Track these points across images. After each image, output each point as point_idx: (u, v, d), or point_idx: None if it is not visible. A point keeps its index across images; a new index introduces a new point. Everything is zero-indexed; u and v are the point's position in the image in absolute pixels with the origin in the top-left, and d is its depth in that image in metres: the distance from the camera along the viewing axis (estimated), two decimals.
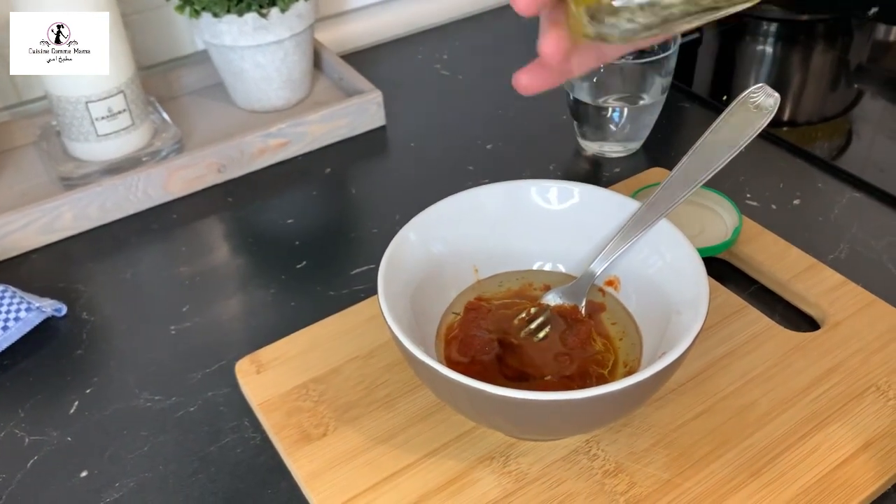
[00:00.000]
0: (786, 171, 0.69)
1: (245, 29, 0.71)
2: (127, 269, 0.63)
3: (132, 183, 0.67)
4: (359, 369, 0.51)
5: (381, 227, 0.66)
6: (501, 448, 0.46)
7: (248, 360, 0.52)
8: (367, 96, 0.75)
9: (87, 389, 0.54)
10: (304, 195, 0.70)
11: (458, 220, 0.50)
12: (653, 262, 0.47)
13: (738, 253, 0.59)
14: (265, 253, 0.64)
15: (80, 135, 0.68)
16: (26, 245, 0.65)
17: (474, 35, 0.92)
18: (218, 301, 0.60)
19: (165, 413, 0.52)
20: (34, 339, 0.57)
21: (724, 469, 0.44)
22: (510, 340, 0.47)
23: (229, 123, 0.77)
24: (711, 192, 0.61)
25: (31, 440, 0.51)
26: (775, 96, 0.46)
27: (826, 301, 0.54)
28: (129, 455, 0.49)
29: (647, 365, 0.44)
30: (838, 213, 0.64)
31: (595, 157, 0.72)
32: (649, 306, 0.47)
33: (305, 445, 0.47)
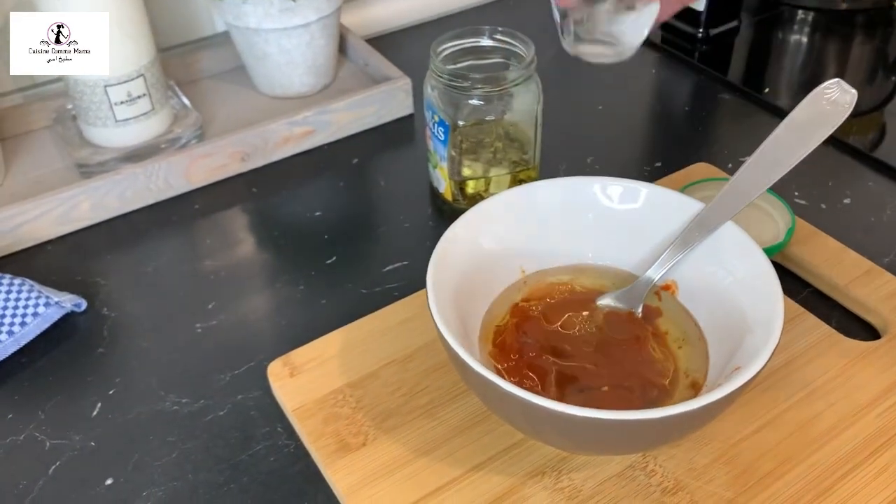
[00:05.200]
0: (833, 167, 0.67)
1: (271, 11, 0.68)
2: (148, 262, 0.60)
3: (153, 171, 0.64)
4: (397, 374, 0.49)
5: (413, 221, 0.63)
6: (553, 462, 0.44)
7: (281, 363, 0.50)
8: (394, 83, 0.72)
9: (110, 391, 0.51)
10: (330, 186, 0.68)
11: (508, 216, 0.47)
12: (718, 269, 0.44)
13: (791, 255, 0.56)
14: (292, 247, 0.61)
15: (98, 119, 0.66)
16: (41, 236, 0.62)
17: (503, 18, 0.89)
18: (245, 298, 0.57)
19: (193, 417, 0.49)
20: (53, 336, 0.54)
21: (790, 488, 0.42)
22: (563, 347, 0.45)
23: (251, 110, 0.74)
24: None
25: (52, 444, 0.48)
26: (852, 92, 0.44)
27: (887, 308, 0.51)
28: (155, 462, 0.47)
29: (714, 378, 0.41)
30: (891, 213, 0.62)
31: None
32: (713, 314, 0.44)
33: (344, 456, 0.45)
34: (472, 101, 0.57)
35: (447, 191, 0.61)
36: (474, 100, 0.57)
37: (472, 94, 0.57)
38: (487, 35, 0.59)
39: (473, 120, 0.59)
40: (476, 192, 0.62)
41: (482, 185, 0.61)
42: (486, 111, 0.58)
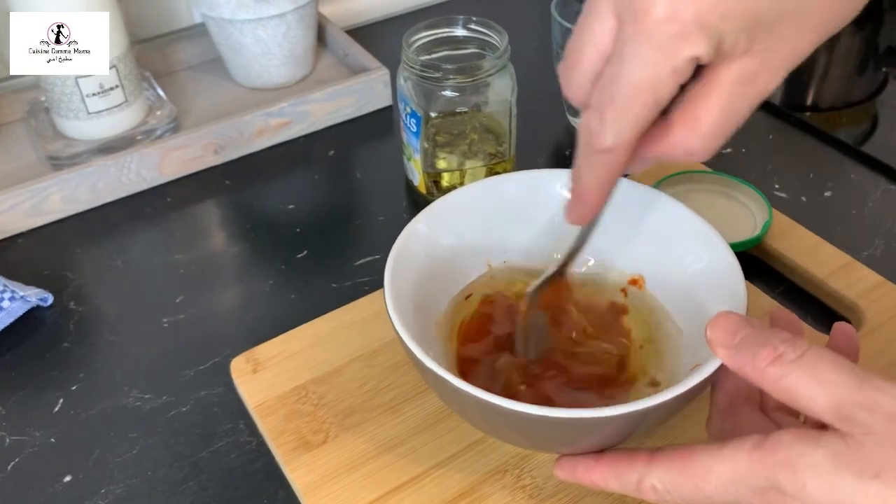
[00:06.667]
0: (816, 159, 0.66)
1: (245, 1, 0.67)
2: (118, 255, 0.60)
3: (124, 164, 0.63)
4: (362, 370, 0.48)
5: (388, 215, 0.62)
6: (515, 460, 0.43)
7: (244, 358, 0.49)
8: (373, 74, 0.71)
9: (73, 386, 0.50)
10: (305, 179, 0.67)
11: (471, 212, 0.46)
12: (683, 263, 0.43)
13: (768, 248, 0.55)
14: (264, 241, 0.61)
15: (70, 112, 0.65)
16: (12, 228, 0.61)
17: (486, 9, 0.88)
18: (213, 292, 0.56)
19: (155, 413, 0.49)
20: (19, 330, 0.53)
21: None
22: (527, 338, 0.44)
23: (228, 101, 0.73)
24: (739, 183, 0.58)
25: (13, 440, 0.47)
26: None
27: (864, 302, 0.50)
28: (115, 459, 0.46)
29: (673, 376, 0.40)
30: (872, 206, 0.60)
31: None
32: (680, 310, 0.43)
33: (304, 453, 0.44)
34: (444, 93, 0.56)
35: (421, 183, 0.60)
36: (447, 91, 0.56)
37: (445, 86, 0.56)
38: (461, 25, 0.58)
39: (446, 111, 0.58)
40: (451, 185, 0.61)
41: (457, 177, 0.61)
42: (458, 102, 0.57)
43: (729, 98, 0.31)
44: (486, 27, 0.58)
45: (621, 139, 0.32)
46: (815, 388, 0.29)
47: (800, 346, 0.30)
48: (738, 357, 0.31)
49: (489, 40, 0.58)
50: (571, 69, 0.33)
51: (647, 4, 0.28)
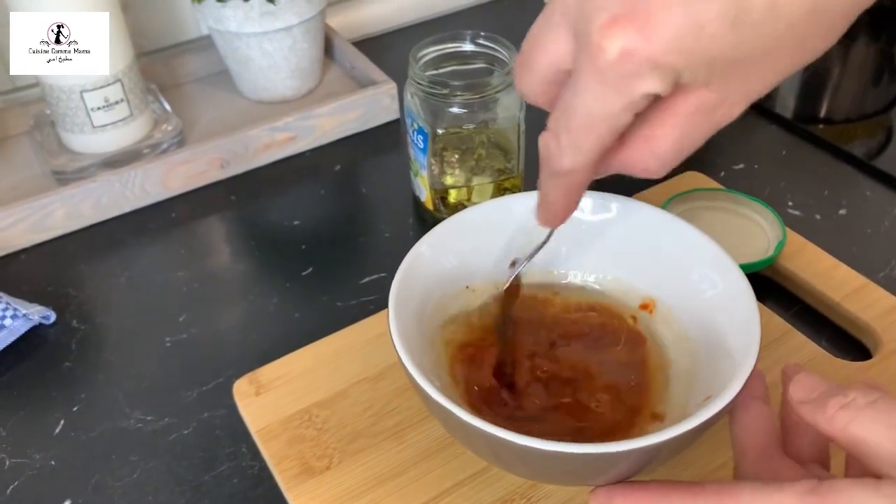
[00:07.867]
0: (830, 175, 0.64)
1: (251, 14, 0.66)
2: (121, 272, 0.59)
3: (129, 178, 0.63)
4: (366, 393, 0.47)
5: (393, 231, 0.61)
6: (522, 489, 0.42)
7: (247, 380, 0.48)
8: (380, 87, 0.71)
9: (74, 407, 0.50)
10: (311, 194, 0.66)
11: (477, 233, 0.45)
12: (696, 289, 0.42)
13: (781, 268, 0.54)
14: (268, 258, 0.60)
15: (75, 126, 0.64)
16: (15, 244, 0.61)
17: (493, 22, 0.87)
18: (217, 310, 0.56)
19: (157, 436, 0.48)
20: (21, 349, 0.53)
21: None
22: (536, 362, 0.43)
23: (234, 114, 0.72)
24: (752, 201, 0.57)
25: (13, 463, 0.47)
26: None
27: (880, 326, 0.49)
28: (116, 483, 0.45)
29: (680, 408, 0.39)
30: (889, 224, 0.59)
31: None
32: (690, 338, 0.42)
33: (307, 479, 0.43)
34: (452, 110, 0.55)
35: (428, 199, 0.60)
36: (454, 108, 0.55)
37: (453, 102, 0.55)
38: (469, 40, 0.57)
39: (453, 128, 0.57)
40: (458, 202, 0.60)
41: (465, 194, 0.60)
42: (466, 119, 0.56)
43: (686, 125, 0.30)
44: (495, 42, 0.57)
45: (578, 164, 0.32)
46: (883, 433, 0.28)
47: (872, 394, 0.29)
48: (810, 406, 0.31)
49: (497, 55, 0.57)
50: (525, 71, 0.33)
51: (602, 40, 0.27)
